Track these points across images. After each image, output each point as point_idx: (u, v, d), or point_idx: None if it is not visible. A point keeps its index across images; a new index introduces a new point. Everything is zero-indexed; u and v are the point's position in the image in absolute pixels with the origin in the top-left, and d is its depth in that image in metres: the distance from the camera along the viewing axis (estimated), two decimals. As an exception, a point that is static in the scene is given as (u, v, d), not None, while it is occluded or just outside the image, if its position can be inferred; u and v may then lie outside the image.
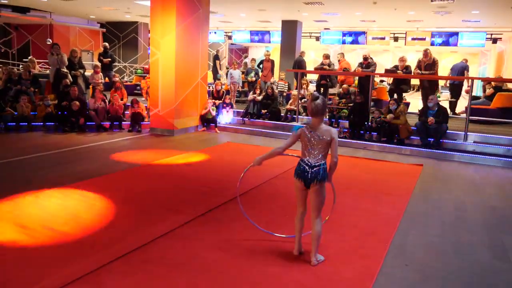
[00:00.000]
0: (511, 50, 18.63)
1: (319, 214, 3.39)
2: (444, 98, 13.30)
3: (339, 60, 12.31)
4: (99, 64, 11.69)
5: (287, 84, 13.17)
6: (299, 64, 13.11)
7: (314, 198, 3.36)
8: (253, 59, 14.17)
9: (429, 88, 10.05)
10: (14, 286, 2.93)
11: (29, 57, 13.29)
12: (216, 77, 14.84)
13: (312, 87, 12.03)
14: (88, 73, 11.34)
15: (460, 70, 11.49)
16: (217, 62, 15.39)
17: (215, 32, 21.55)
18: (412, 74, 10.24)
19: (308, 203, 3.47)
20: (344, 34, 18.67)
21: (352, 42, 18.81)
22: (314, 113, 3.36)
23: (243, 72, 13.96)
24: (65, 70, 10.12)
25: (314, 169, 3.32)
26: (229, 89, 12.72)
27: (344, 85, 10.87)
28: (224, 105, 10.77)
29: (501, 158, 7.65)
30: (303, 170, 3.35)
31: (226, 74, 14.04)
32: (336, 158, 3.35)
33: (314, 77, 14.88)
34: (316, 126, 3.37)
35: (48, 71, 11.85)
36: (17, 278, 3.04)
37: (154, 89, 9.51)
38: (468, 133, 8.43)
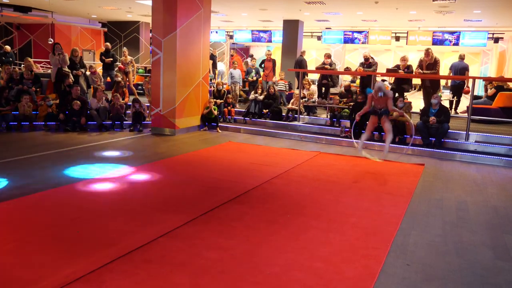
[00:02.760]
0: (513, 49, 18.60)
1: (390, 133, 6.60)
2: (445, 97, 13.25)
3: (232, 55, 12.43)
4: (93, 65, 11.77)
5: (287, 83, 13.15)
6: (300, 64, 13.09)
7: (386, 124, 6.59)
8: (253, 58, 14.14)
9: (431, 87, 10.03)
10: (15, 286, 2.93)
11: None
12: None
13: (314, 87, 11.99)
14: (89, 72, 11.35)
15: (462, 71, 11.44)
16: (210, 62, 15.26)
17: (216, 32, 21.54)
18: (414, 73, 10.22)
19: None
20: (345, 34, 18.65)
21: (354, 42, 18.79)
22: (376, 89, 6.48)
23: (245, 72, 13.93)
24: (66, 69, 10.14)
25: (381, 110, 6.52)
26: (230, 89, 12.71)
27: (346, 83, 10.86)
28: (226, 105, 10.80)
29: (502, 158, 7.63)
30: (375, 110, 6.57)
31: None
32: (391, 110, 6.63)
33: (315, 76, 14.85)
34: (378, 92, 6.44)
35: (49, 71, 11.87)
36: (18, 277, 3.04)
37: (155, 89, 9.52)
38: (469, 132, 8.41)
